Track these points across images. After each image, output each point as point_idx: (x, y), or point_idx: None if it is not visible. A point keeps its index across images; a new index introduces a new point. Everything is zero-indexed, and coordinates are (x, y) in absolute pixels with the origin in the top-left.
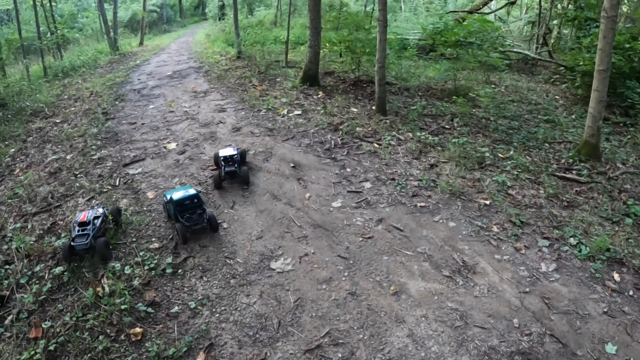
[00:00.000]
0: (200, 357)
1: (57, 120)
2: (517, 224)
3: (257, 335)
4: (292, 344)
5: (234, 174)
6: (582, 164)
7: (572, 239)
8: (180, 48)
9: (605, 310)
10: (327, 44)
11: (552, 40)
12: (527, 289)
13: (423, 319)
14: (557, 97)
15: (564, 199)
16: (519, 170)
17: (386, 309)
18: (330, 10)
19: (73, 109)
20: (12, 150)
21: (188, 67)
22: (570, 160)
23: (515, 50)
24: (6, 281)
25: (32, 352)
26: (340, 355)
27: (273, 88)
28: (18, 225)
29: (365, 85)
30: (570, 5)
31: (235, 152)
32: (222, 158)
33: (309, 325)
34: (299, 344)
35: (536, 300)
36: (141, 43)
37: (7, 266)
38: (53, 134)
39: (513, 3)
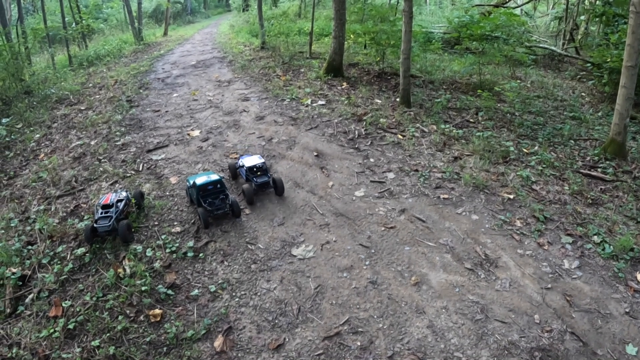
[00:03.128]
0: (218, 340)
1: (82, 107)
2: (540, 219)
3: (276, 321)
4: (311, 330)
5: (268, 185)
6: (608, 162)
7: (595, 237)
8: (204, 38)
9: (627, 310)
10: (351, 36)
11: (579, 36)
12: (549, 286)
13: (443, 310)
14: (583, 93)
15: (589, 196)
16: (544, 165)
17: (407, 299)
18: (355, 2)
19: (98, 96)
20: (37, 135)
21: (212, 57)
22: (596, 158)
23: (541, 45)
24: (28, 261)
25: (52, 330)
26: (359, 343)
27: (297, 78)
28: (42, 207)
29: (389, 77)
30: (598, 1)
31: (262, 161)
32: (247, 169)
33: (328, 312)
34: (318, 330)
35: (558, 297)
36: (165, 33)
37: (29, 246)
38: (78, 121)
39: None
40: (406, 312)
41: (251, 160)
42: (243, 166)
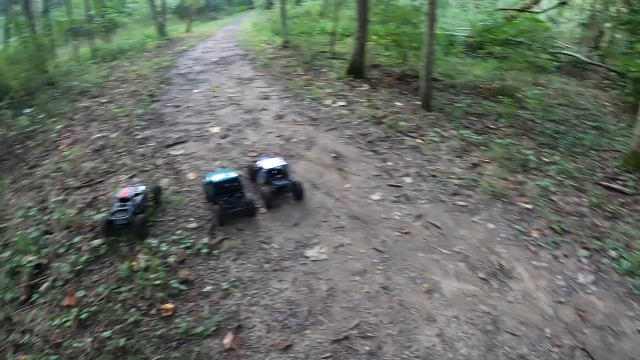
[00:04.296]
0: (228, 337)
1: (104, 100)
2: (557, 231)
3: (286, 321)
4: (320, 332)
5: (288, 189)
6: (629, 175)
7: (612, 251)
8: (227, 35)
9: (639, 329)
10: (373, 37)
11: (604, 44)
12: (562, 299)
13: (454, 319)
14: (606, 103)
15: (607, 209)
16: (563, 176)
17: (418, 306)
18: (378, 3)
19: (119, 90)
20: (59, 126)
21: (234, 54)
22: (616, 170)
23: (565, 52)
24: (45, 250)
25: (64, 319)
26: (367, 348)
27: (318, 78)
28: (60, 197)
29: (410, 80)
30: (624, 9)
31: (283, 163)
32: (266, 171)
33: (338, 315)
34: (327, 333)
35: (570, 312)
36: (188, 29)
37: (46, 236)
38: (99, 113)
39: (565, 3)
40: (416, 319)
41: (271, 163)
42: (262, 168)
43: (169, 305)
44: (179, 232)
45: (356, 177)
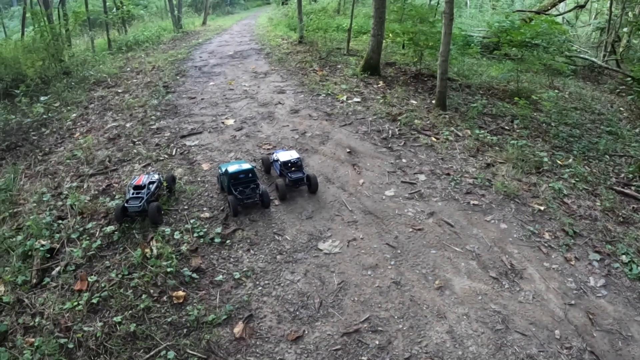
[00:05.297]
0: (238, 326)
1: (119, 90)
2: (569, 233)
3: (297, 313)
4: (330, 325)
5: (302, 182)
6: None
7: (624, 256)
8: (243, 30)
9: None
10: (390, 35)
11: (621, 49)
12: (573, 302)
13: (464, 317)
14: (621, 108)
15: (620, 214)
16: (577, 179)
17: (429, 302)
18: (395, 1)
19: (135, 80)
20: (74, 115)
21: (249, 49)
22: (630, 176)
23: (581, 56)
24: (58, 235)
25: (75, 303)
26: (377, 342)
27: (333, 74)
28: (74, 184)
29: (426, 78)
30: None
31: (298, 156)
32: (281, 164)
33: (349, 309)
34: (337, 326)
35: (580, 315)
36: (204, 23)
37: (60, 221)
38: (114, 103)
39: (582, 7)
40: (427, 315)
41: (286, 155)
42: (277, 160)
43: (181, 293)
44: (192, 221)
45: (370, 172)
